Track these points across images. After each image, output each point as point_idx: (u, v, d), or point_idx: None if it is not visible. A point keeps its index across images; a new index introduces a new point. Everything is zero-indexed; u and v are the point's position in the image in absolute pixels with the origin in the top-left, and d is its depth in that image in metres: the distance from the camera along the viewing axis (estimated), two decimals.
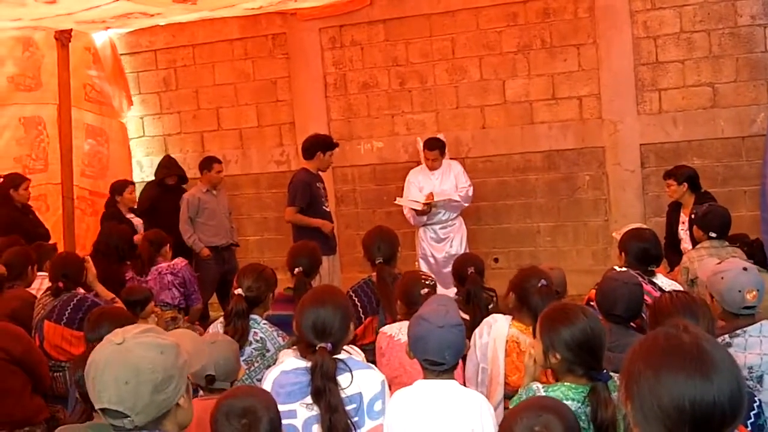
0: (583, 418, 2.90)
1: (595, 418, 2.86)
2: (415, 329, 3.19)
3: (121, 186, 8.36)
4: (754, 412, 3.00)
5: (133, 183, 8.61)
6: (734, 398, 1.70)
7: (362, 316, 4.98)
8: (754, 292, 3.66)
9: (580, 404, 2.92)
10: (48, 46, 8.55)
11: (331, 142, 7.67)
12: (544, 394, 2.99)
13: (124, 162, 9.99)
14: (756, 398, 3.11)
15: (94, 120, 9.50)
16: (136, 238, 7.52)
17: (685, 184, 6.80)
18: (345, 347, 3.47)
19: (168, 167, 8.97)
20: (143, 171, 10.13)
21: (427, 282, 4.24)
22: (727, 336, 3.59)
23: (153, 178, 9.17)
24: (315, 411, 3.15)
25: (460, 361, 3.51)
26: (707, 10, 8.06)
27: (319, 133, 7.88)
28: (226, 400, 2.77)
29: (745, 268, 3.78)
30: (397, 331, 4.12)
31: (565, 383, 3.00)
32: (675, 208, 6.98)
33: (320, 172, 7.66)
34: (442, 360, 3.09)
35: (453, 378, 3.18)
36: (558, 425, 2.49)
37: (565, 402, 2.90)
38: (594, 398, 2.89)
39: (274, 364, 4.05)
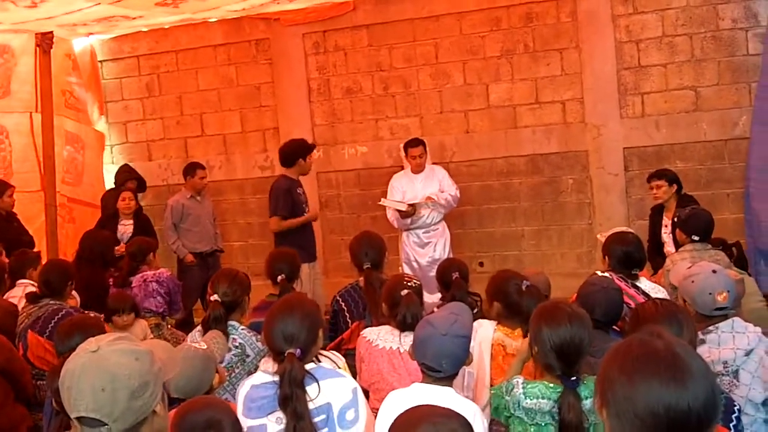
0: (556, 417, 3.00)
1: (561, 418, 2.96)
2: (419, 332, 3.22)
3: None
4: (735, 415, 3.02)
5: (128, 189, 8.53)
6: (709, 403, 1.71)
7: (349, 320, 4.98)
8: (725, 294, 3.69)
9: (554, 403, 2.98)
10: (23, 52, 8.47)
11: (308, 145, 7.58)
12: (522, 389, 3.08)
13: (98, 170, 9.91)
14: (736, 404, 3.12)
15: (72, 127, 9.41)
16: (117, 249, 7.47)
17: (675, 185, 6.84)
18: (324, 353, 3.45)
19: (128, 171, 8.94)
20: None
21: (408, 284, 4.20)
22: (699, 333, 3.62)
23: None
24: (284, 424, 3.08)
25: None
26: (689, 14, 8.10)
27: (294, 139, 7.75)
28: (186, 415, 2.70)
29: (714, 271, 3.80)
30: (376, 336, 4.10)
31: (544, 381, 3.09)
32: (658, 211, 7.00)
33: (301, 177, 7.61)
34: (439, 367, 3.10)
35: (450, 386, 3.18)
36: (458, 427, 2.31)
37: (540, 400, 3.03)
38: (561, 400, 2.98)
39: (254, 369, 4.03)
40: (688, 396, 1.69)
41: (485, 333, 3.94)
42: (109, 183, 10.03)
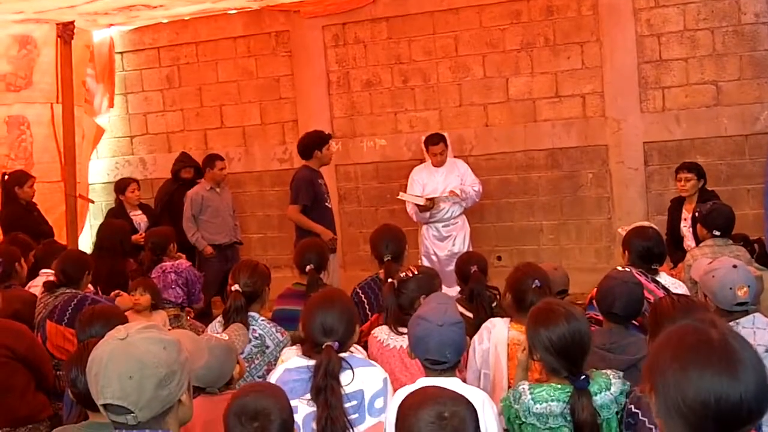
0: (568, 418, 2.96)
1: (575, 419, 2.94)
2: (415, 329, 3.20)
3: (124, 184, 8.35)
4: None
5: (135, 181, 8.55)
6: (760, 396, 1.70)
7: (368, 312, 4.99)
8: (745, 289, 3.69)
9: (565, 404, 2.96)
10: (45, 43, 8.51)
11: (325, 135, 7.58)
12: (530, 395, 3.05)
13: (86, 162, 9.90)
14: None
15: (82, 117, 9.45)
16: (136, 237, 7.52)
17: (702, 180, 6.81)
18: (356, 347, 3.50)
19: (183, 160, 8.97)
20: (146, 169, 10.14)
21: (401, 274, 4.26)
22: None
23: (156, 176, 9.12)
24: (315, 407, 3.16)
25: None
26: (711, 8, 8.04)
27: (309, 132, 7.76)
28: (239, 399, 2.73)
29: (735, 266, 3.80)
30: (386, 336, 4.09)
31: (551, 383, 3.06)
32: (677, 204, 6.97)
33: (322, 167, 7.61)
34: (444, 359, 3.10)
35: (455, 376, 3.19)
36: (463, 411, 2.32)
37: (550, 403, 2.99)
38: (573, 402, 2.95)
39: (274, 360, 4.06)
40: (740, 387, 1.68)
41: (499, 334, 3.90)
42: (93, 177, 10.10)
